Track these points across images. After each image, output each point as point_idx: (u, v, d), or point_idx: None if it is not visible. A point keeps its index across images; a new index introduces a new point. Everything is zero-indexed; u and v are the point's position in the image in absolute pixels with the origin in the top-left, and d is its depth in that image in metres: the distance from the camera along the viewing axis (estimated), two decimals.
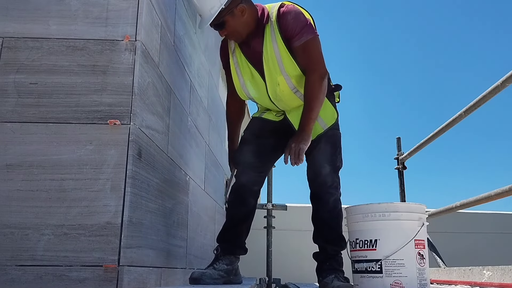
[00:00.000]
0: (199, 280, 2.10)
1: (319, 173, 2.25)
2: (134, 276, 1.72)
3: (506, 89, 2.78)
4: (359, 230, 1.95)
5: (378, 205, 1.91)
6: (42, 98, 1.75)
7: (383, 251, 1.82)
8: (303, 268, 5.65)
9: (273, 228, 4.22)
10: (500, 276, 2.30)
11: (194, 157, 2.89)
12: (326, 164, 2.25)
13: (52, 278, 1.59)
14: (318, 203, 2.31)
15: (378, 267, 1.80)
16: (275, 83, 2.26)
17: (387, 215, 1.86)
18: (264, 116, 2.45)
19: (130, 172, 1.71)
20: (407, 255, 1.81)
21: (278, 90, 2.27)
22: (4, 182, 1.66)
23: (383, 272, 1.80)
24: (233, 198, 2.37)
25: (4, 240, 1.61)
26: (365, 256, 1.88)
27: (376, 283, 1.82)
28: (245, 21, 2.22)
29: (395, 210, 1.87)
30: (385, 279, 1.79)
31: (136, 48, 1.83)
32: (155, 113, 2.03)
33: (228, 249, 2.31)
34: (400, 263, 1.80)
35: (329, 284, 2.13)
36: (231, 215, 2.38)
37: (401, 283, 1.77)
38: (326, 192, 2.26)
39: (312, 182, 2.30)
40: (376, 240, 1.84)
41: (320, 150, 2.26)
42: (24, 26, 1.82)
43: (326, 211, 2.27)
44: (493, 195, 2.74)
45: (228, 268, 2.25)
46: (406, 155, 4.48)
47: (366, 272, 1.86)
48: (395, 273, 1.79)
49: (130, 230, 1.69)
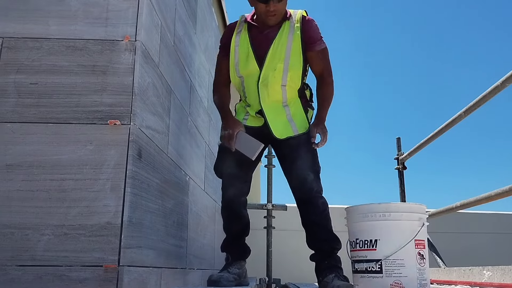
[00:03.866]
0: (218, 282, 2.22)
1: (305, 180, 2.33)
2: (134, 276, 1.72)
3: (506, 89, 2.78)
4: (359, 230, 1.95)
5: (378, 205, 1.90)
6: (42, 98, 1.75)
7: (383, 251, 1.82)
8: (303, 268, 5.65)
9: (273, 228, 4.22)
10: (500, 276, 2.30)
11: (194, 157, 2.89)
12: (310, 172, 2.33)
13: (52, 278, 1.59)
14: (307, 207, 2.36)
15: (378, 267, 1.80)
16: (272, 68, 2.37)
17: (388, 215, 1.86)
18: (247, 123, 2.45)
19: (130, 172, 1.71)
20: (407, 255, 1.81)
21: (270, 75, 2.36)
22: (4, 182, 1.66)
23: (383, 272, 1.80)
24: (227, 215, 2.45)
25: (4, 240, 1.61)
26: (365, 256, 1.88)
27: (376, 283, 1.82)
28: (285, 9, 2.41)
29: (396, 210, 1.87)
30: (385, 279, 1.79)
31: (136, 48, 1.83)
32: (155, 113, 2.03)
33: (237, 255, 2.47)
34: (400, 263, 1.79)
35: (329, 283, 2.14)
36: (229, 229, 2.47)
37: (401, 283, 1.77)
38: (314, 196, 2.33)
39: (298, 189, 2.37)
40: (376, 240, 1.84)
41: (303, 159, 2.34)
42: (24, 26, 1.82)
43: (317, 213, 2.33)
44: (493, 195, 2.74)
45: (240, 272, 2.41)
46: (406, 155, 4.48)
47: (366, 272, 1.86)
48: (395, 273, 1.79)
49: (130, 230, 1.69)
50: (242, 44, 2.44)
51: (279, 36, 2.38)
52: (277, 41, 2.38)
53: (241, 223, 2.44)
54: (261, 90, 2.38)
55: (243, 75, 2.44)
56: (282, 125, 2.38)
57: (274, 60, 2.37)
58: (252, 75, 2.41)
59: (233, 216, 2.43)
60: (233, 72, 2.47)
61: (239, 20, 2.54)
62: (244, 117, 2.47)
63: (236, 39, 2.46)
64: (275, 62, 2.36)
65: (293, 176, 2.37)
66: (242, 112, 2.50)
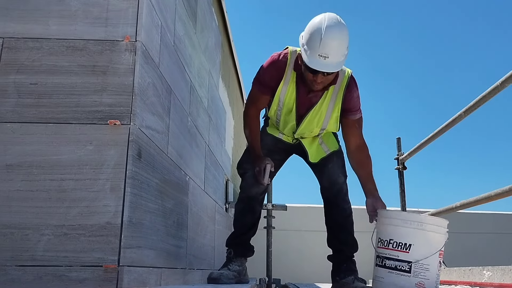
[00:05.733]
0: (218, 280, 2.27)
1: (336, 182, 2.48)
2: (134, 276, 1.72)
3: (506, 89, 2.78)
4: (395, 232, 2.17)
5: (416, 215, 2.20)
6: (42, 99, 1.75)
7: (414, 255, 2.09)
8: (303, 268, 5.65)
9: (273, 228, 4.22)
10: (500, 276, 2.30)
11: (194, 157, 2.89)
12: (341, 174, 2.51)
13: (52, 278, 1.59)
14: (335, 209, 2.51)
15: (408, 268, 2.08)
16: (309, 129, 2.47)
17: (424, 226, 2.12)
18: (282, 138, 2.59)
19: (130, 172, 1.71)
20: (432, 262, 2.10)
21: (306, 134, 2.51)
22: (4, 182, 1.66)
23: (412, 273, 2.08)
24: (242, 207, 2.53)
25: (4, 241, 1.61)
26: (397, 255, 2.12)
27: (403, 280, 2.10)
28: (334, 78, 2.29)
29: (430, 223, 2.15)
30: (412, 279, 2.08)
31: (136, 49, 1.83)
32: (155, 113, 2.03)
33: (240, 252, 2.51)
34: (426, 267, 2.08)
35: (351, 284, 2.33)
36: (241, 222, 2.54)
37: (424, 284, 2.07)
38: (342, 199, 2.49)
39: (328, 190, 2.51)
40: (410, 244, 2.10)
41: (335, 163, 2.51)
42: (24, 27, 1.82)
43: (343, 216, 2.49)
44: (493, 195, 2.74)
45: (240, 269, 2.45)
46: (406, 155, 4.47)
47: (396, 269, 2.11)
48: (421, 275, 2.08)
49: (130, 230, 1.69)
50: (288, 97, 2.37)
51: (321, 103, 2.36)
52: (318, 107, 2.37)
53: (253, 218, 2.54)
54: (296, 136, 2.53)
55: (281, 121, 2.50)
56: (315, 150, 2.54)
57: (311, 124, 2.43)
58: (287, 126, 2.49)
59: (246, 209, 2.52)
60: (273, 112, 2.49)
61: (288, 62, 2.33)
62: (279, 134, 2.59)
63: (283, 89, 2.36)
64: (312, 126, 2.44)
65: (324, 177, 2.51)
66: (276, 130, 2.60)
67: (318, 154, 2.53)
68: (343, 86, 2.34)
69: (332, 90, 2.33)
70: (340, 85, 2.34)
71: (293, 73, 2.32)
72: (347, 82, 2.35)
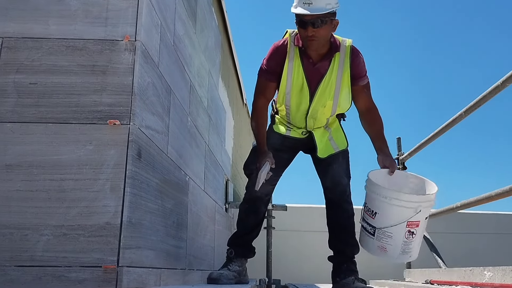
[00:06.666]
0: (218, 280, 2.28)
1: (339, 183, 2.50)
2: (133, 277, 1.72)
3: (506, 89, 2.78)
4: (369, 198, 2.34)
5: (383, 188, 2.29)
6: (41, 98, 1.75)
7: (377, 223, 2.28)
8: (303, 269, 5.65)
9: (273, 229, 4.22)
10: (501, 276, 2.30)
11: (193, 157, 2.88)
12: (344, 176, 2.53)
13: (51, 279, 1.58)
14: (336, 210, 2.52)
15: (372, 231, 2.31)
16: (321, 104, 2.45)
17: (389, 199, 2.24)
18: (290, 134, 2.58)
19: (129, 172, 1.70)
20: (396, 231, 2.24)
21: (320, 111, 2.48)
22: (3, 182, 1.66)
23: (375, 237, 2.30)
24: (246, 208, 2.55)
25: (3, 241, 1.61)
26: (367, 219, 2.34)
27: (369, 241, 2.34)
28: (329, 36, 2.34)
29: (396, 197, 2.23)
30: (375, 241, 2.30)
31: (136, 48, 1.82)
32: (154, 113, 2.03)
33: (241, 253, 2.52)
34: (389, 235, 2.25)
35: (351, 285, 2.35)
36: (244, 222, 2.55)
37: (386, 248, 2.28)
38: (345, 200, 2.52)
39: (331, 191, 2.53)
40: (376, 212, 2.28)
41: (340, 164, 2.53)
42: (24, 26, 1.82)
43: (345, 218, 2.51)
44: (494, 195, 2.73)
45: (240, 270, 2.46)
46: (406, 155, 4.47)
47: (365, 230, 2.35)
48: (383, 240, 2.27)
49: (129, 231, 1.68)
50: (296, 74, 2.39)
51: (329, 73, 2.39)
52: (328, 77, 2.39)
53: (257, 219, 2.57)
54: (308, 121, 2.51)
55: (291, 105, 2.47)
56: (324, 145, 2.54)
57: (324, 97, 2.42)
58: (300, 106, 2.46)
59: (251, 210, 2.54)
60: (281, 99, 2.48)
61: (288, 41, 2.41)
62: (286, 131, 2.58)
63: (289, 66, 2.39)
64: (324, 98, 2.43)
65: (328, 178, 2.53)
66: (284, 126, 2.59)
67: (327, 150, 2.54)
68: (348, 53, 2.41)
69: (338, 59, 2.40)
70: (344, 53, 2.41)
71: (295, 49, 2.40)
72: (350, 49, 2.43)
